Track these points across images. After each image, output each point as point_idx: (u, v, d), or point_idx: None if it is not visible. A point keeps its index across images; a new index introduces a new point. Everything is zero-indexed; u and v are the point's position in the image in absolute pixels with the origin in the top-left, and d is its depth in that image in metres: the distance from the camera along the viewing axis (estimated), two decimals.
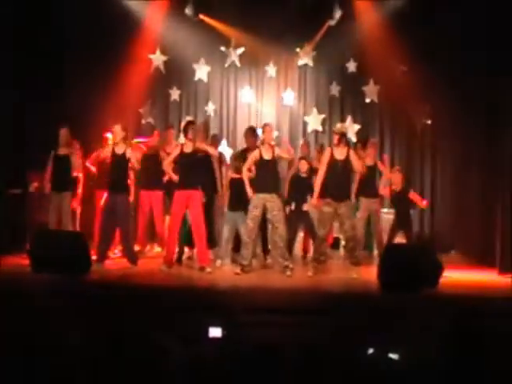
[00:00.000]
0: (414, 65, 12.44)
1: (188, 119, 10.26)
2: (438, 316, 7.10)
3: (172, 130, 11.81)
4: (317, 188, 9.72)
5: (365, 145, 11.58)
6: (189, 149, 9.88)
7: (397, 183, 10.74)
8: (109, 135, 10.94)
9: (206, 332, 5.82)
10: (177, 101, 13.81)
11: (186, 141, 9.95)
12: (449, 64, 12.13)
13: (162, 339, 4.51)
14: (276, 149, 9.99)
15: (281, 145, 11.47)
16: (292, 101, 13.81)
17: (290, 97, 13.79)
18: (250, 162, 9.86)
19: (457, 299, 8.05)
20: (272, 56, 13.68)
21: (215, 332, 5.84)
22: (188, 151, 9.87)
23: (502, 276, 9.76)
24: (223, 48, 13.71)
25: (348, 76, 13.58)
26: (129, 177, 10.38)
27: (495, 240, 10.49)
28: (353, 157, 9.69)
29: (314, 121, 13.73)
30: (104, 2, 12.41)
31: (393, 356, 4.73)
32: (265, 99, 13.91)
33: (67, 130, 10.71)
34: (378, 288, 8.56)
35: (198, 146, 9.96)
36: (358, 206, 10.92)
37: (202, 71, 13.82)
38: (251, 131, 11.05)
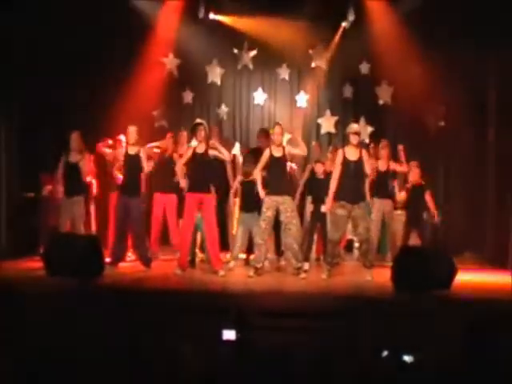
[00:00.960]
0: (427, 66, 12.40)
1: (197, 121, 10.21)
2: (452, 318, 7.09)
3: (185, 133, 11.82)
4: (331, 190, 9.70)
5: (377, 146, 11.56)
6: (201, 150, 9.87)
7: (414, 178, 10.72)
8: (122, 137, 10.95)
9: (220, 335, 5.83)
10: (190, 104, 13.82)
11: (198, 143, 9.95)
12: (462, 65, 12.07)
13: (177, 342, 4.53)
14: (287, 147, 10.00)
15: (291, 141, 11.47)
16: (305, 103, 13.80)
17: (303, 99, 13.78)
18: (263, 163, 9.85)
19: (470, 301, 8.03)
20: (285, 58, 13.66)
21: (229, 335, 5.85)
22: (200, 152, 9.85)
23: None
24: (236, 50, 13.72)
25: (361, 78, 13.55)
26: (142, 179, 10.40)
27: (508, 241, 10.44)
28: (365, 158, 9.68)
29: (327, 123, 13.71)
30: (117, 6, 12.43)
31: (407, 358, 4.72)
32: (278, 101, 13.91)
33: (78, 134, 10.68)
34: (392, 290, 8.54)
35: (211, 147, 9.95)
36: (371, 208, 10.89)
37: (215, 74, 13.82)
38: (264, 132, 11.06)
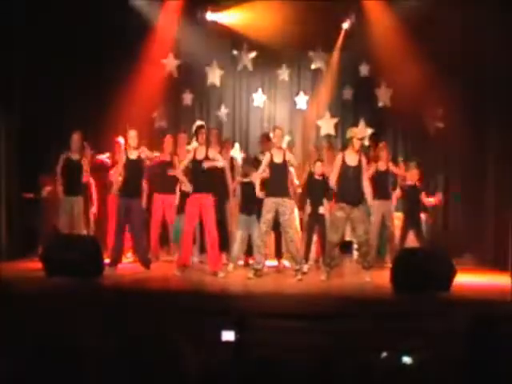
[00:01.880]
0: (426, 68, 12.39)
1: (198, 123, 10.24)
2: (452, 319, 7.09)
3: (183, 135, 11.82)
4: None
5: (375, 148, 11.58)
6: (201, 155, 9.89)
7: (412, 178, 10.74)
8: (120, 140, 10.95)
9: (219, 336, 5.82)
10: (189, 105, 13.80)
11: (198, 146, 9.99)
12: (462, 66, 12.08)
13: (177, 343, 4.52)
14: (287, 153, 10.02)
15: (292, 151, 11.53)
16: (305, 105, 13.80)
17: (303, 101, 13.78)
18: (263, 167, 9.88)
19: (469, 303, 8.03)
20: (284, 60, 13.66)
21: (228, 336, 5.84)
22: (200, 158, 9.88)
23: None
24: (235, 52, 13.71)
25: (361, 79, 13.56)
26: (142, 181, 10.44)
27: (508, 242, 10.44)
28: (364, 164, 9.75)
29: (327, 125, 13.71)
30: (117, 6, 12.43)
31: (407, 360, 4.72)
32: (277, 103, 13.90)
33: (79, 135, 10.72)
34: (392, 292, 8.55)
35: (210, 155, 9.96)
36: (371, 211, 10.89)
37: (215, 75, 13.82)
38: (266, 137, 11.08)
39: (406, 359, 4.72)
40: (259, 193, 9.79)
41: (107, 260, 9.91)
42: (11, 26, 11.13)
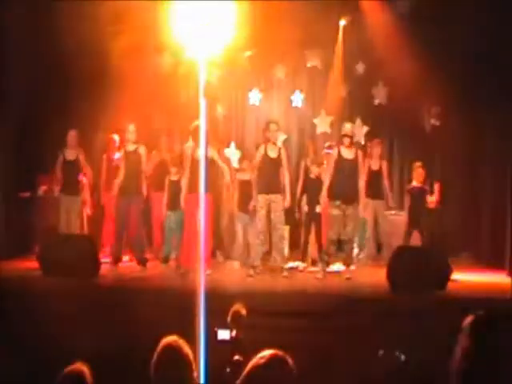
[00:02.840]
0: (423, 66, 12.38)
1: (196, 122, 10.19)
2: (447, 318, 7.10)
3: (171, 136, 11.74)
4: (325, 186, 9.67)
5: (371, 145, 11.57)
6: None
7: (418, 179, 10.74)
8: (115, 137, 10.87)
9: (215, 334, 5.83)
10: (186, 104, 13.71)
11: (195, 145, 9.87)
12: (459, 64, 12.08)
13: (173, 342, 4.52)
14: (282, 150, 9.91)
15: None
16: (300, 103, 13.79)
17: (299, 99, 13.77)
18: (258, 161, 9.83)
19: (466, 301, 8.03)
20: (280, 58, 13.64)
21: (223, 335, 5.85)
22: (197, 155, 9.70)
23: None
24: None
25: (357, 78, 13.55)
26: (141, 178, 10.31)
27: (505, 242, 10.46)
28: (360, 158, 9.73)
29: (323, 123, 13.70)
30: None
31: (403, 358, 4.73)
32: (273, 101, 13.88)
33: (76, 132, 10.67)
34: (388, 289, 8.55)
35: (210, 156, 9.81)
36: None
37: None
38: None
39: (403, 357, 4.73)
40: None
41: (106, 259, 9.87)
42: (9, 26, 11.07)
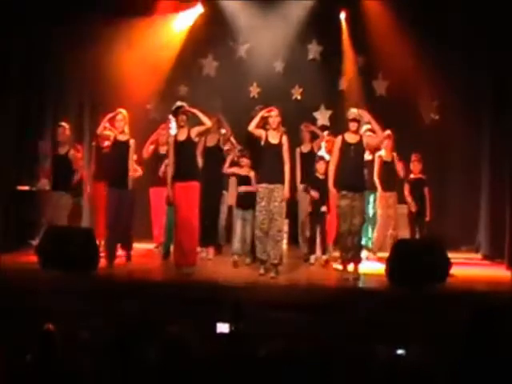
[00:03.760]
0: (423, 59, 12.37)
1: (177, 104, 9.90)
2: (447, 311, 7.10)
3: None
4: (330, 177, 9.24)
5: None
6: (183, 136, 9.28)
7: (416, 172, 10.69)
8: (107, 125, 10.48)
9: (214, 328, 5.83)
10: (184, 97, 13.69)
11: (179, 128, 9.43)
12: (459, 58, 12.07)
13: (175, 334, 4.51)
14: (284, 137, 9.26)
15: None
16: (300, 96, 13.75)
17: (298, 92, 13.74)
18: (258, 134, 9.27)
19: (466, 294, 8.04)
20: (280, 51, 13.60)
21: (223, 328, 5.84)
22: (182, 139, 9.25)
23: (511, 271, 9.72)
24: (231, 43, 13.65)
25: (357, 71, 13.49)
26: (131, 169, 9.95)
27: (504, 235, 10.46)
28: (365, 140, 9.36)
29: (323, 116, 13.68)
30: None
31: (403, 352, 4.71)
32: (273, 95, 13.82)
33: (65, 127, 10.34)
34: (387, 283, 8.53)
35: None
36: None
37: (210, 67, 13.76)
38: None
39: (401, 351, 4.71)
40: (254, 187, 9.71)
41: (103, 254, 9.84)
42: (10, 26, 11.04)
